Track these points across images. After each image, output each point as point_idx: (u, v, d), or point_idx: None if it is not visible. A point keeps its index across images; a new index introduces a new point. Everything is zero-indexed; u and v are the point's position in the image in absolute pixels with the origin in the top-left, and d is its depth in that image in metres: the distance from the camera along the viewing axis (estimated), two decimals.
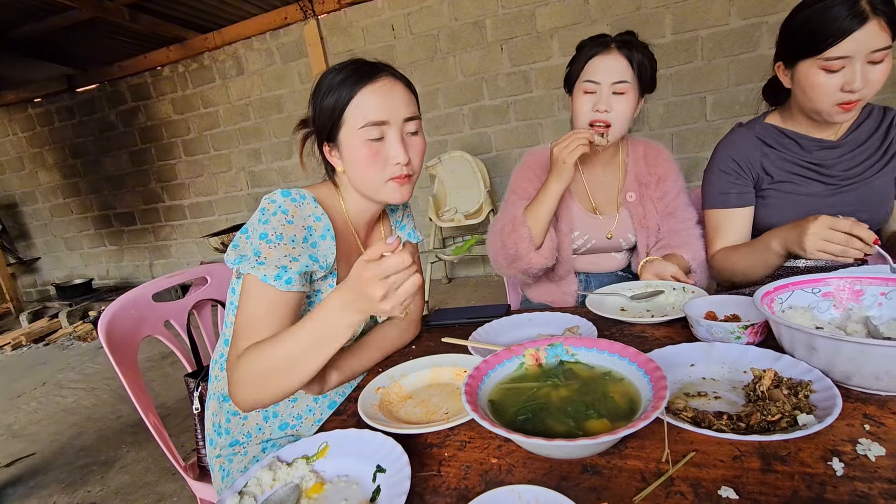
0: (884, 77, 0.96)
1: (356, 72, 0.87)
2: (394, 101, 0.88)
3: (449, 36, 3.66)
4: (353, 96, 0.86)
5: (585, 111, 1.19)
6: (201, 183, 4.85)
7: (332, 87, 0.87)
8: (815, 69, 0.99)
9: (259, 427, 0.97)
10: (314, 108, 0.91)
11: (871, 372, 0.60)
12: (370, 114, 0.86)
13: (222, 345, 1.03)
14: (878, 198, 1.11)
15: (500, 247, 1.27)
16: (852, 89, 0.95)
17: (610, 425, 0.59)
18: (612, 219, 1.34)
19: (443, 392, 0.83)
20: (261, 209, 0.88)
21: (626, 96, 1.16)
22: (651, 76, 1.20)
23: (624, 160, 1.35)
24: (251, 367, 0.77)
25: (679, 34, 3.19)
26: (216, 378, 1.03)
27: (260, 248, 0.82)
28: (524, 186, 1.33)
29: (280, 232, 0.84)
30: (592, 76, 1.16)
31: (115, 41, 4.14)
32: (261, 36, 4.15)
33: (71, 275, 5.73)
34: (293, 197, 0.89)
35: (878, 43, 0.92)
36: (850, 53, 0.93)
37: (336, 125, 0.88)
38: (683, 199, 1.31)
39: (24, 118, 5.28)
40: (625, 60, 1.15)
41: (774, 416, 0.58)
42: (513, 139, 3.75)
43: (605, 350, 0.72)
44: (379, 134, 0.87)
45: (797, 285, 0.79)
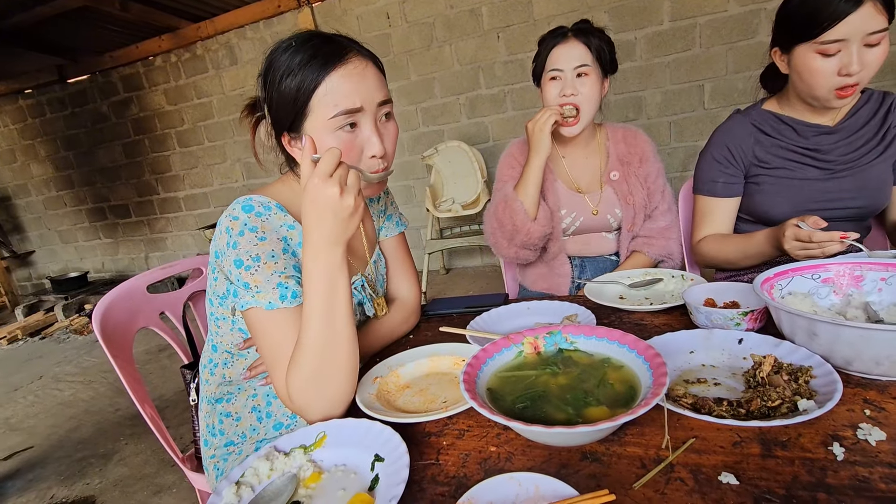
0: (881, 60, 0.96)
1: (320, 51, 0.75)
2: (367, 84, 0.77)
3: (445, 24, 3.61)
4: (321, 81, 0.74)
5: (553, 97, 1.25)
6: (196, 174, 4.81)
7: (291, 69, 0.75)
8: (811, 53, 0.98)
9: (253, 428, 0.96)
10: (268, 92, 0.79)
11: (872, 357, 0.59)
12: (342, 101, 0.75)
13: (210, 350, 1.00)
14: (876, 184, 1.10)
15: (498, 226, 1.32)
16: (849, 73, 0.95)
17: (609, 412, 0.58)
18: (595, 195, 1.37)
19: (441, 381, 0.82)
20: (225, 229, 0.78)
21: (589, 78, 1.23)
22: (610, 58, 1.26)
23: (605, 144, 1.40)
24: (301, 381, 0.71)
25: (677, 21, 3.15)
26: (206, 382, 1.01)
27: (244, 279, 0.75)
28: (509, 174, 1.38)
29: (255, 253, 0.76)
30: (555, 64, 1.23)
31: (105, 31, 4.07)
32: (254, 25, 4.09)
33: (66, 268, 5.69)
34: (257, 211, 0.81)
35: (874, 25, 0.91)
36: (845, 36, 0.93)
37: (300, 115, 0.77)
38: (661, 183, 1.37)
39: (14, 110, 5.21)
40: (583, 46, 1.22)
41: (775, 402, 0.58)
42: (510, 128, 3.73)
43: (604, 337, 0.71)
44: (352, 120, 0.77)
45: (797, 271, 0.79)
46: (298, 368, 0.71)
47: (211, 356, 1.00)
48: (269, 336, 0.76)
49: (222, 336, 0.95)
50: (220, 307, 0.90)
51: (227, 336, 0.94)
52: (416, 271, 1.12)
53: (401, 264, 1.09)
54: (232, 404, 0.97)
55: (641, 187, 1.35)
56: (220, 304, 0.90)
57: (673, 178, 3.39)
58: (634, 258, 1.35)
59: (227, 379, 0.97)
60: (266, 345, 0.77)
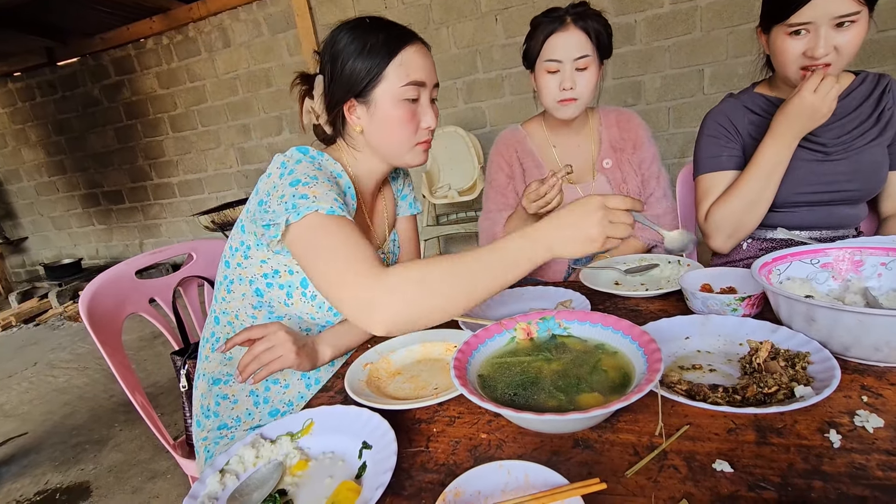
0: (853, 44, 0.94)
1: (395, 29, 0.86)
2: (430, 64, 0.89)
3: (442, 5, 3.54)
4: (398, 53, 0.84)
5: (551, 90, 1.20)
6: (190, 160, 4.74)
7: (367, 41, 0.83)
8: (782, 34, 0.99)
9: (248, 412, 0.95)
10: (339, 62, 0.85)
11: (871, 343, 0.58)
12: (414, 73, 0.85)
13: (213, 323, 1.00)
14: (871, 167, 1.08)
15: None
16: (814, 55, 0.95)
17: (602, 399, 0.57)
18: (588, 186, 1.34)
19: (433, 367, 0.81)
20: (280, 164, 0.84)
21: (588, 70, 1.17)
22: (608, 42, 1.19)
23: (597, 129, 1.35)
24: (412, 282, 0.66)
25: (678, 4, 3.09)
26: (206, 358, 1.00)
27: (302, 192, 0.76)
28: (498, 178, 1.35)
29: (313, 174, 0.80)
30: (553, 55, 1.16)
31: (95, 11, 3.97)
32: (247, 6, 4.00)
33: (60, 254, 5.64)
34: (311, 154, 0.88)
35: (843, 9, 0.90)
36: (812, 19, 0.93)
37: (373, 81, 0.84)
38: (656, 168, 1.33)
39: (3, 93, 5.12)
40: (583, 34, 1.14)
41: (771, 389, 0.57)
42: (507, 114, 3.68)
43: (598, 323, 0.70)
44: (416, 95, 0.87)
45: (795, 256, 0.77)
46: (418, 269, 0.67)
47: (213, 329, 0.99)
48: (332, 240, 0.73)
49: (230, 302, 0.95)
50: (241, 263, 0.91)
51: (237, 302, 0.94)
52: (420, 257, 1.14)
53: (407, 246, 1.14)
54: (230, 387, 0.96)
55: (635, 174, 1.32)
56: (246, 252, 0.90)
57: (671, 165, 3.36)
58: (627, 243, 1.31)
59: (226, 355, 0.97)
60: (329, 250, 0.72)
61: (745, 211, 1.09)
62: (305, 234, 0.74)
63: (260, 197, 0.84)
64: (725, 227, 1.13)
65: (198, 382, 1.02)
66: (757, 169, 1.05)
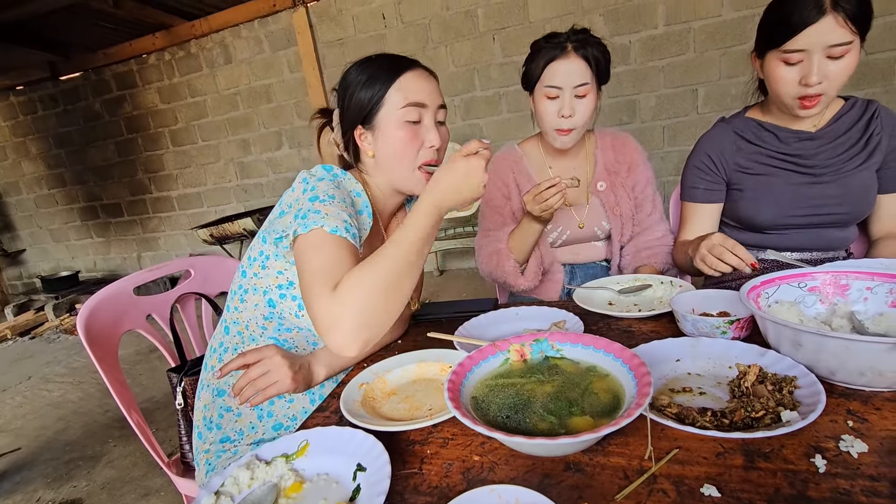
0: (845, 73, 0.97)
1: (395, 58, 0.94)
2: (431, 87, 0.93)
3: (440, 25, 3.61)
4: (397, 79, 0.90)
5: (550, 116, 1.21)
6: (189, 174, 4.78)
7: (370, 72, 0.91)
8: (776, 61, 1.01)
9: (252, 426, 0.95)
10: (347, 94, 0.93)
11: (856, 367, 0.59)
12: (412, 95, 0.90)
13: (222, 333, 1.01)
14: (860, 190, 1.10)
15: (489, 274, 1.34)
16: (808, 83, 0.97)
17: (593, 422, 0.58)
18: (582, 208, 1.36)
19: (427, 388, 0.82)
20: (303, 179, 0.89)
21: (587, 97, 1.19)
22: (606, 68, 1.21)
23: (593, 151, 1.37)
24: (355, 290, 0.71)
25: (672, 25, 3.17)
26: (212, 368, 1.00)
27: (316, 207, 0.81)
28: (495, 197, 1.37)
29: (331, 193, 0.85)
30: (553, 81, 1.17)
31: (98, 27, 4.04)
32: (249, 23, 4.07)
33: (57, 267, 5.64)
34: (334, 172, 0.93)
35: (836, 38, 0.92)
36: (806, 47, 0.95)
37: (376, 107, 0.91)
38: (650, 191, 1.35)
39: (5, 106, 5.16)
40: (583, 62, 1.16)
41: (758, 413, 0.58)
42: (504, 131, 3.73)
43: (590, 346, 0.71)
44: (417, 116, 0.91)
45: (783, 280, 0.79)
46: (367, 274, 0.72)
47: (222, 339, 1.00)
48: (323, 255, 0.77)
49: (242, 312, 0.97)
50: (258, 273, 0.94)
51: (249, 312, 0.96)
52: (421, 280, 1.19)
53: None
54: (235, 399, 0.96)
55: (628, 197, 1.33)
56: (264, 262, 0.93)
57: (667, 182, 3.40)
58: (644, 272, 1.29)
59: None
60: (317, 263, 0.77)
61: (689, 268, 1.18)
62: (305, 248, 0.79)
63: (281, 209, 0.90)
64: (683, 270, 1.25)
65: (201, 393, 1.02)
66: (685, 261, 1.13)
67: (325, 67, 3.95)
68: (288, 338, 0.96)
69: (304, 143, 4.27)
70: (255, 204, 4.61)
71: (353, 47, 3.85)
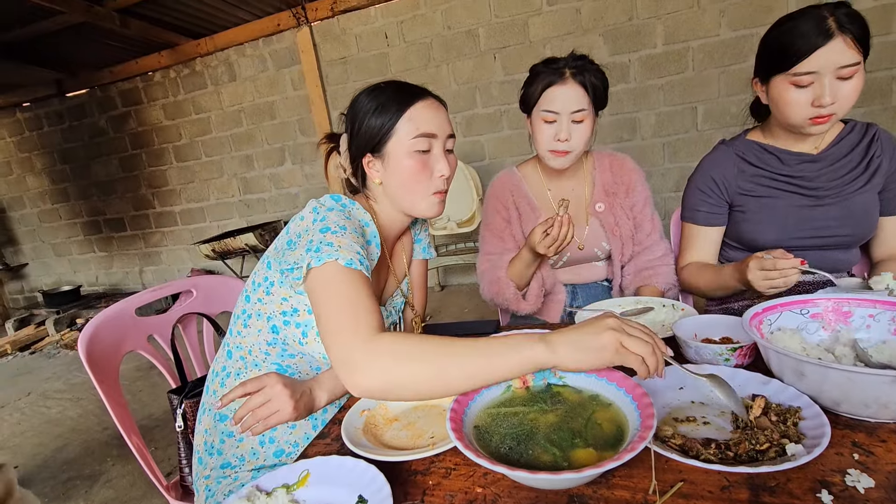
0: (854, 93, 0.98)
1: (406, 88, 0.93)
2: (441, 117, 0.93)
3: (442, 44, 3.66)
4: (407, 109, 0.90)
5: (546, 140, 1.22)
6: (192, 189, 4.81)
7: (381, 101, 0.91)
8: (786, 84, 1.02)
9: (253, 451, 0.94)
10: (357, 122, 0.93)
11: (860, 399, 0.59)
12: (423, 126, 0.90)
13: (224, 357, 1.00)
14: (861, 213, 1.11)
15: (491, 300, 1.34)
16: (821, 104, 0.98)
17: (596, 455, 0.58)
18: (581, 229, 1.36)
19: (429, 414, 0.81)
20: (313, 209, 0.89)
21: (584, 123, 1.20)
22: (604, 94, 1.22)
23: (591, 172, 1.38)
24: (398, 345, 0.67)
25: (670, 45, 3.21)
26: (214, 393, 1.00)
27: (328, 239, 0.80)
28: (494, 220, 1.37)
29: (342, 224, 0.84)
30: (550, 106, 1.18)
31: (105, 46, 4.10)
32: (253, 42, 4.14)
33: (59, 281, 5.65)
34: (343, 202, 0.93)
35: (845, 59, 0.94)
36: (817, 69, 0.96)
37: (386, 136, 0.91)
38: (648, 211, 1.35)
39: (12, 122, 5.22)
40: (580, 88, 1.17)
41: (763, 445, 0.57)
42: (505, 147, 3.76)
43: (592, 374, 0.70)
44: (427, 146, 0.91)
45: (785, 306, 0.79)
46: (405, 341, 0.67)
47: (225, 363, 1.00)
48: (342, 291, 0.75)
49: (245, 337, 0.97)
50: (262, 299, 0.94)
51: (252, 337, 0.96)
52: (425, 302, 1.20)
53: (415, 290, 1.18)
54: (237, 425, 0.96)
55: (627, 218, 1.34)
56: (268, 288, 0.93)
57: (667, 198, 3.42)
58: (645, 292, 1.29)
59: None
60: (337, 300, 0.75)
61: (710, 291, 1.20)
62: (321, 281, 0.77)
63: (290, 237, 0.89)
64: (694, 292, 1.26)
65: (202, 417, 1.01)
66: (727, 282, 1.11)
67: (328, 85, 4.00)
68: (291, 363, 0.96)
69: (307, 158, 4.31)
70: (257, 219, 4.63)
71: (355, 65, 3.91)
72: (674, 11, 3.14)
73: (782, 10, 2.92)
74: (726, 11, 3.05)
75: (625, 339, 0.60)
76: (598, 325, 0.62)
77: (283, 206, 4.54)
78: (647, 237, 1.35)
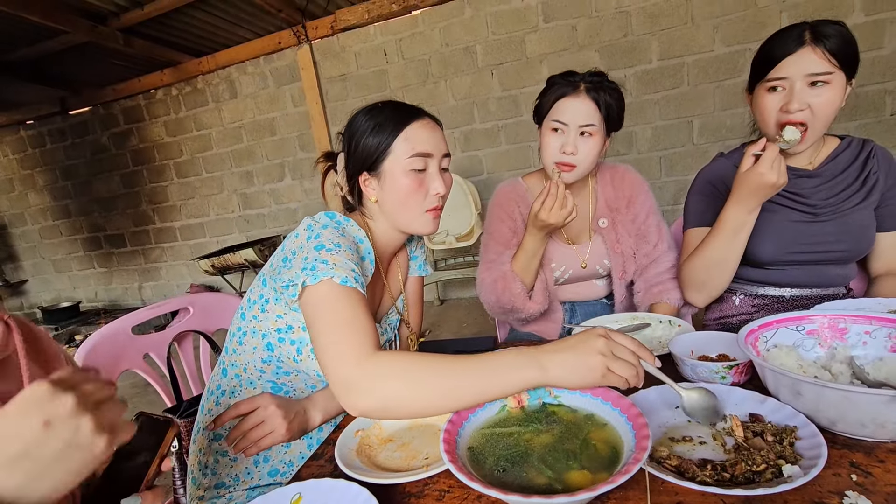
0: (828, 105, 1.00)
1: (403, 108, 0.95)
2: (436, 137, 0.95)
3: (440, 61, 3.71)
4: (404, 129, 0.91)
5: (553, 150, 1.20)
6: (193, 205, 4.83)
7: (379, 120, 0.92)
8: (762, 91, 1.06)
9: (248, 471, 0.94)
10: (354, 141, 0.95)
11: (856, 419, 0.58)
12: (419, 145, 0.91)
13: (220, 375, 1.00)
14: (859, 228, 1.11)
15: (496, 302, 1.28)
16: (788, 109, 1.01)
17: (591, 477, 0.57)
18: (585, 247, 1.35)
19: (424, 434, 0.80)
20: (307, 227, 0.89)
21: (592, 138, 1.18)
22: (618, 116, 1.21)
23: (594, 187, 1.36)
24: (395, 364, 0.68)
25: (665, 60, 3.25)
26: (209, 412, 0.99)
27: (323, 257, 0.80)
28: (500, 229, 1.34)
29: (337, 241, 0.85)
30: (560, 116, 1.17)
31: (109, 64, 4.16)
32: (254, 60, 4.19)
33: (59, 297, 5.64)
34: (337, 220, 0.93)
35: (814, 68, 0.97)
36: (786, 74, 1.00)
37: (382, 155, 0.92)
38: (654, 220, 1.32)
39: (15, 140, 5.27)
40: (592, 104, 1.16)
41: (759, 466, 0.57)
42: (503, 162, 3.78)
43: (587, 393, 0.70)
44: (423, 165, 0.92)
45: (781, 323, 0.79)
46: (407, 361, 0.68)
47: (220, 382, 0.99)
48: (338, 309, 0.75)
49: (240, 355, 0.96)
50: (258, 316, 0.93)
51: (247, 355, 0.95)
52: (421, 319, 1.19)
53: (411, 307, 1.17)
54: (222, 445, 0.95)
55: (629, 234, 1.32)
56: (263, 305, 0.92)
57: (665, 212, 3.43)
58: (659, 309, 1.25)
59: None
60: (332, 318, 0.75)
61: (711, 268, 1.12)
62: (316, 299, 0.77)
63: (285, 254, 0.88)
64: (693, 283, 1.16)
65: (196, 437, 1.00)
66: (720, 230, 1.08)
67: (327, 101, 4.04)
68: (286, 381, 0.95)
69: (307, 174, 4.33)
70: (256, 234, 4.64)
71: (355, 82, 3.96)
72: (668, 28, 3.19)
73: (776, 26, 2.96)
74: (720, 27, 3.09)
75: (611, 364, 0.61)
76: (588, 347, 0.63)
77: (283, 221, 4.55)
78: (653, 248, 1.31)
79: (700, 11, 3.11)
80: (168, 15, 3.45)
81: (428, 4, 3.57)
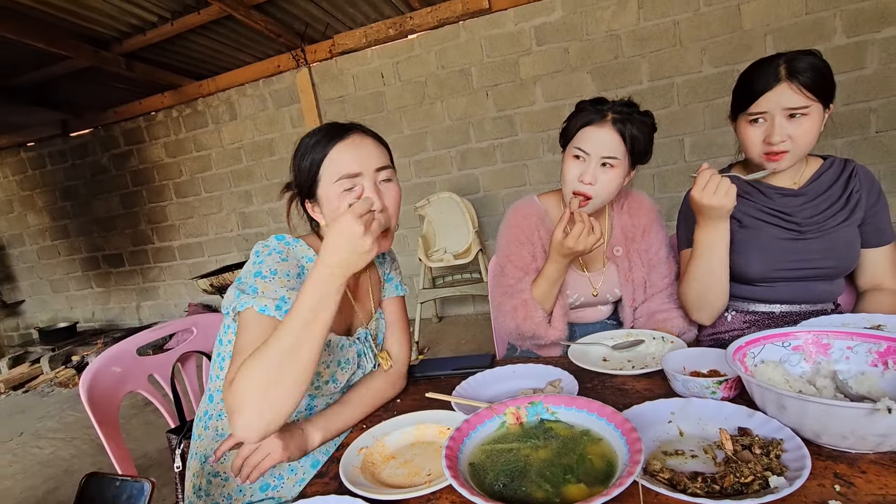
0: (808, 135, 1.06)
1: (329, 132, 0.93)
2: (364, 153, 0.92)
3: (436, 83, 3.80)
4: (327, 153, 0.91)
5: (572, 178, 1.17)
6: (192, 224, 4.86)
7: (308, 148, 0.93)
8: (745, 123, 1.12)
9: (239, 489, 0.95)
10: (295, 169, 0.96)
11: (838, 431, 0.61)
12: (343, 167, 0.90)
13: (206, 401, 1.02)
14: (843, 246, 1.15)
15: (515, 329, 1.25)
16: (770, 141, 1.07)
17: (587, 491, 0.60)
18: (599, 274, 1.34)
19: (426, 451, 0.83)
20: (255, 252, 0.93)
21: (613, 170, 1.15)
22: (645, 149, 1.18)
23: (610, 213, 1.35)
24: (247, 379, 0.73)
25: (655, 81, 3.34)
26: (199, 437, 1.01)
27: (256, 285, 0.86)
28: (519, 253, 1.28)
29: (275, 268, 0.89)
30: (582, 144, 1.14)
31: (110, 88, 4.23)
32: (254, 83, 4.27)
33: (56, 318, 5.62)
34: (286, 241, 0.96)
35: (792, 103, 1.03)
36: (766, 109, 1.06)
37: (314, 182, 0.93)
38: (664, 253, 1.31)
39: (15, 162, 5.31)
40: (617, 136, 1.12)
41: (747, 478, 0.59)
42: (499, 180, 3.84)
43: (583, 409, 0.73)
44: (352, 185, 0.91)
45: (768, 339, 0.82)
46: (249, 368, 0.74)
47: (207, 408, 1.01)
48: (248, 334, 0.82)
49: (222, 380, 0.97)
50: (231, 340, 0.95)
51: None
52: (408, 337, 1.16)
53: (395, 327, 1.14)
54: (221, 464, 0.97)
55: (642, 263, 1.30)
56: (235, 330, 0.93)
57: None
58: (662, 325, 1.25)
59: (219, 432, 0.98)
60: (241, 341, 0.82)
61: (702, 286, 1.16)
62: (239, 323, 0.85)
63: (240, 277, 0.92)
64: (691, 301, 1.20)
65: (191, 462, 1.02)
66: (696, 249, 1.15)
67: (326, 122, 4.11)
68: None
69: None
70: None
71: (353, 103, 4.03)
72: (657, 50, 3.28)
73: (760, 48, 3.06)
74: (707, 49, 3.19)
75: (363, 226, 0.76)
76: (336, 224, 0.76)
77: None
78: (661, 279, 1.30)
79: (688, 34, 3.21)
80: (170, 40, 3.53)
81: (424, 28, 3.66)
